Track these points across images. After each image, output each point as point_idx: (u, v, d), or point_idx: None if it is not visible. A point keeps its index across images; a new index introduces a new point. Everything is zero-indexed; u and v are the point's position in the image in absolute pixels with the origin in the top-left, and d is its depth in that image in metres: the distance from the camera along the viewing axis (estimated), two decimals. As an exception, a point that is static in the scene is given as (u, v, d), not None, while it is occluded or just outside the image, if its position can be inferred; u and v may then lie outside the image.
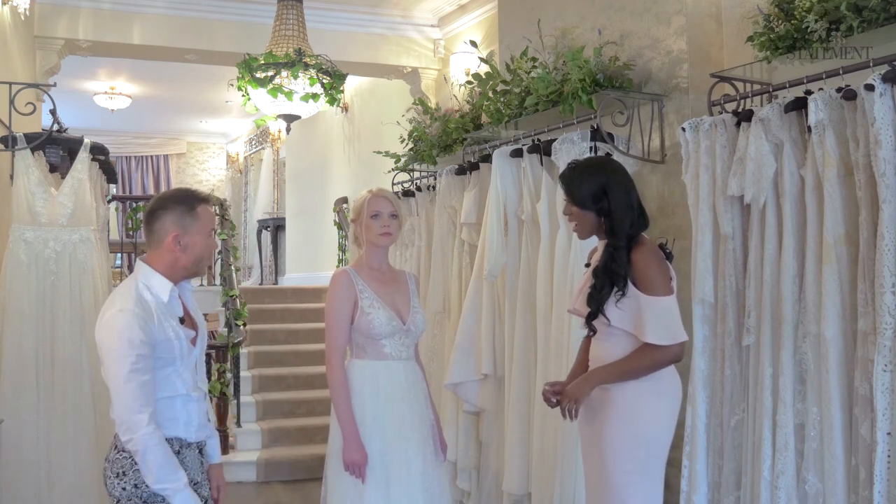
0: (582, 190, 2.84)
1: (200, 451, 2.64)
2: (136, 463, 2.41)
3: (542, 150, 3.95)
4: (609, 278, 2.76)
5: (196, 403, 2.58)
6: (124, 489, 2.42)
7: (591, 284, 2.82)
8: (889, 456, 2.52)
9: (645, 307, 2.71)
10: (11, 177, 4.44)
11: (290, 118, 6.55)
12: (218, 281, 7.75)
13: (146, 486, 2.40)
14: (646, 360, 2.74)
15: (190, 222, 2.53)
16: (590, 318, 2.82)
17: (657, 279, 2.73)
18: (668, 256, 2.86)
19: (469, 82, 4.84)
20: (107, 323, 2.43)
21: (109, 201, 5.73)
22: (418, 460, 2.99)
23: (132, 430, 2.36)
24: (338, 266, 8.59)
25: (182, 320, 2.57)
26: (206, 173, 14.74)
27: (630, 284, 2.74)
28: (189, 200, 2.56)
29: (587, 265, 3.00)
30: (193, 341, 2.60)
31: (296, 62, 6.09)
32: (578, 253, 3.60)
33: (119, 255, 9.87)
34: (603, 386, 2.80)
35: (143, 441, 2.36)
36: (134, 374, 2.36)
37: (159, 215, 2.54)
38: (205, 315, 2.86)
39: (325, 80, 6.24)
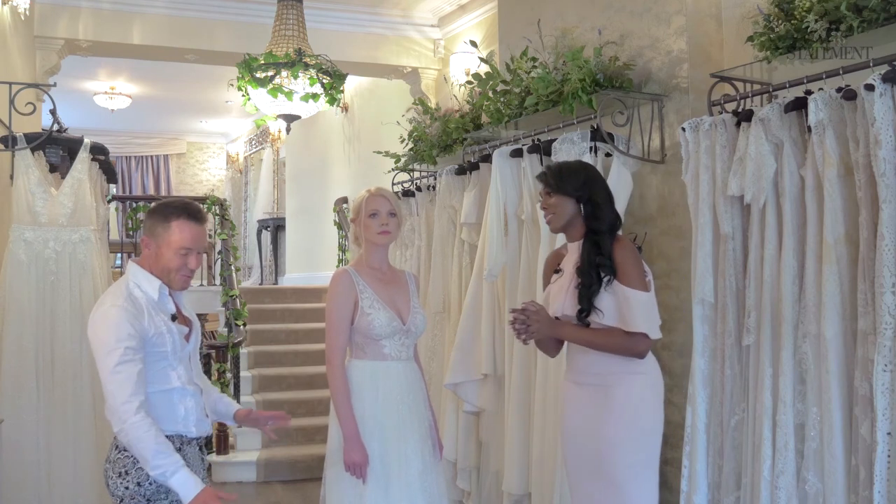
0: (563, 178, 2.92)
1: (200, 449, 2.67)
2: (137, 461, 2.42)
3: (542, 150, 3.95)
4: (596, 270, 2.82)
5: (192, 398, 2.61)
6: (127, 488, 2.43)
7: (577, 283, 2.85)
8: (889, 456, 2.52)
9: (630, 298, 2.77)
10: (11, 177, 4.45)
11: (290, 118, 6.54)
12: (218, 281, 7.75)
13: (149, 483, 2.42)
14: (620, 341, 2.80)
15: (160, 233, 2.54)
16: (581, 316, 2.84)
17: (634, 274, 2.81)
18: (638, 250, 2.97)
19: (469, 82, 4.83)
20: (97, 319, 2.46)
21: (109, 201, 5.73)
22: (417, 460, 2.98)
23: (122, 420, 2.38)
24: (338, 266, 8.59)
25: (174, 318, 2.59)
26: (206, 173, 14.74)
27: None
28: (165, 211, 2.55)
29: (557, 271, 3.02)
30: (187, 337, 2.64)
31: (296, 62, 6.08)
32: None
33: (119, 255, 9.88)
34: (600, 382, 2.85)
35: (132, 429, 2.36)
36: (123, 365, 2.38)
37: (145, 218, 2.63)
38: (205, 315, 2.88)
39: (325, 80, 6.24)
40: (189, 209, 2.56)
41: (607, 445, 2.81)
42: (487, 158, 4.27)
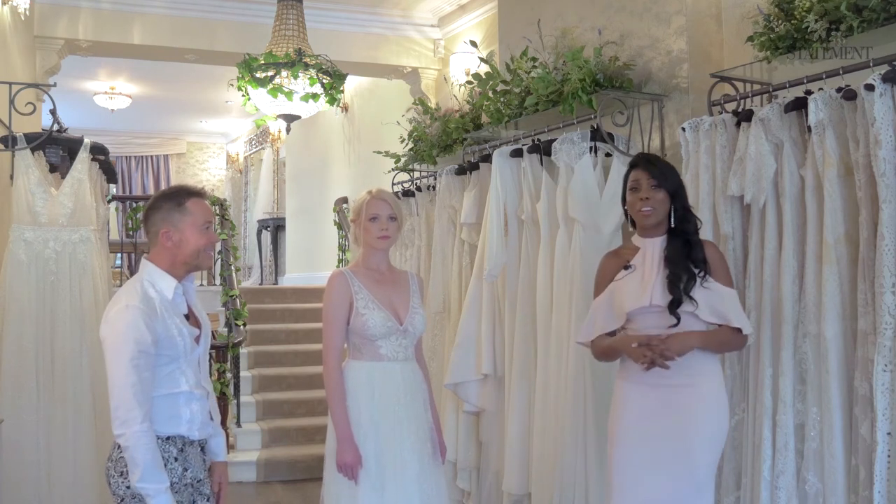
0: (670, 174, 2.91)
1: (202, 449, 2.66)
2: None
3: (542, 150, 3.94)
4: (692, 264, 2.81)
5: (198, 402, 2.60)
6: (128, 487, 2.43)
7: (668, 274, 2.82)
8: (889, 456, 2.53)
9: (728, 297, 2.79)
10: (11, 177, 4.44)
11: (290, 118, 6.54)
12: (218, 281, 7.75)
13: None
14: (732, 340, 2.82)
15: (179, 218, 2.56)
16: (674, 306, 2.79)
17: (728, 274, 2.86)
18: None
19: (469, 82, 4.83)
20: (112, 318, 2.45)
21: (109, 201, 5.73)
22: (414, 462, 2.97)
23: (127, 425, 2.37)
24: (338, 266, 8.60)
25: (187, 318, 2.59)
26: (206, 173, 14.74)
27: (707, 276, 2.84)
28: (177, 196, 2.59)
29: (626, 267, 2.94)
30: (197, 339, 2.62)
31: (296, 62, 6.09)
32: (578, 253, 3.60)
33: (119, 255, 9.88)
34: (684, 382, 2.79)
35: (134, 437, 2.37)
36: (134, 369, 2.38)
37: (150, 214, 2.59)
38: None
39: (325, 80, 6.24)
40: (192, 188, 2.64)
41: (693, 444, 2.77)
42: (487, 158, 4.26)
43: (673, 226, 2.87)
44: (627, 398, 2.89)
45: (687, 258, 2.82)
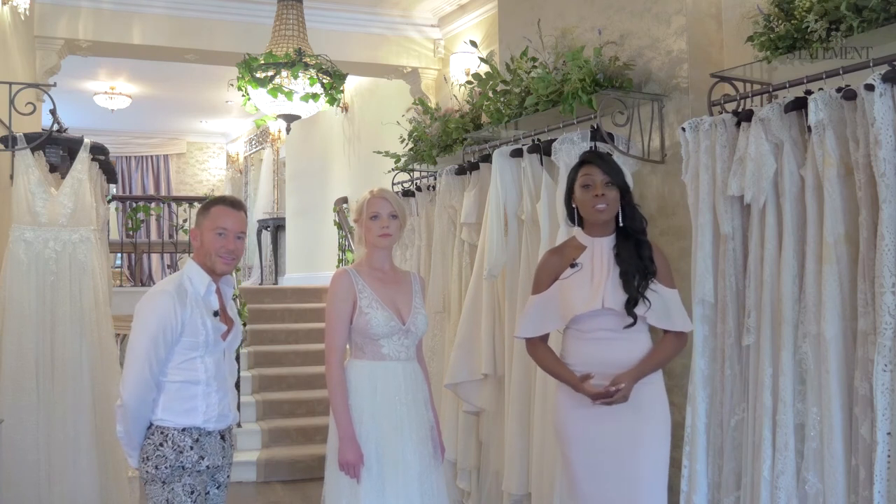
0: (622, 174, 2.98)
1: (223, 437, 2.84)
2: (158, 447, 2.68)
3: (542, 150, 3.95)
4: (643, 265, 2.86)
5: (217, 394, 2.78)
6: (148, 472, 2.68)
7: (620, 272, 2.86)
8: (889, 456, 2.53)
9: (671, 298, 2.86)
10: (11, 177, 4.44)
11: (290, 118, 6.55)
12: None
13: (165, 467, 2.66)
14: (676, 348, 2.91)
15: (201, 221, 2.83)
16: (631, 305, 2.83)
17: (671, 276, 2.92)
18: None
19: (469, 82, 4.83)
20: (147, 298, 2.75)
21: (109, 201, 5.73)
22: (415, 462, 2.97)
23: (127, 392, 2.66)
24: (338, 266, 8.61)
25: (216, 314, 2.80)
26: (206, 173, 14.73)
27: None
28: (209, 203, 2.89)
29: (573, 265, 2.97)
30: (224, 336, 2.83)
31: (296, 62, 6.09)
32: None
33: (119, 254, 9.88)
34: (641, 381, 2.84)
35: (128, 411, 2.67)
36: (152, 344, 2.68)
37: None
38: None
39: (325, 80, 6.24)
40: (226, 198, 2.93)
41: (650, 445, 2.83)
42: (487, 158, 4.27)
43: (622, 224, 2.93)
44: (581, 405, 2.91)
45: (638, 257, 2.87)
